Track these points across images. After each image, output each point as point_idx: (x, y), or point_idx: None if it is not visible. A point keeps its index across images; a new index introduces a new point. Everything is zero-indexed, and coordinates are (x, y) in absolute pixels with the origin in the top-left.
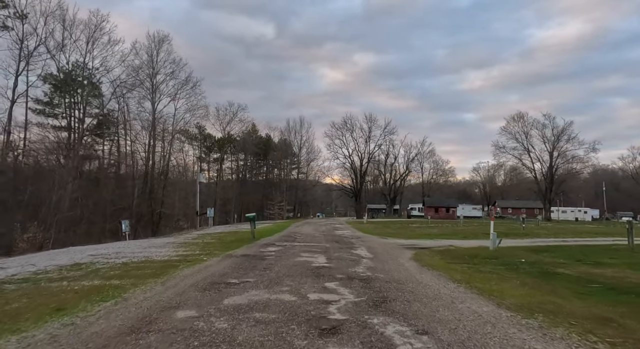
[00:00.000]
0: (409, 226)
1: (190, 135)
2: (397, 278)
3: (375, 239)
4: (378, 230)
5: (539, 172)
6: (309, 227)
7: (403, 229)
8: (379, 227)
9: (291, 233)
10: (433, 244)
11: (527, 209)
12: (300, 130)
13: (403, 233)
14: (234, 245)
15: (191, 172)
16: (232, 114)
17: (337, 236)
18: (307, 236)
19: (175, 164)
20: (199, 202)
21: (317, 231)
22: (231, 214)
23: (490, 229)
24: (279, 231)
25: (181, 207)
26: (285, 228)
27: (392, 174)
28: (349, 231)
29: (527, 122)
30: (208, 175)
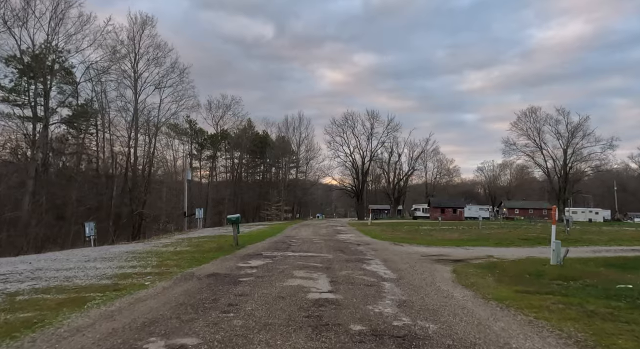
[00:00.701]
0: (419, 228)
1: (180, 130)
2: (462, 335)
3: (388, 246)
4: (387, 233)
5: (551, 170)
6: (307, 230)
7: (415, 232)
8: (386, 230)
9: (286, 238)
10: (465, 254)
11: (535, 210)
12: (299, 127)
13: (418, 238)
14: (209, 256)
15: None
16: (225, 107)
17: (340, 242)
18: (304, 242)
19: (164, 160)
20: (188, 203)
21: (316, 235)
22: (225, 215)
23: (552, 235)
24: (272, 234)
25: (169, 207)
26: (280, 231)
27: (396, 172)
28: (353, 234)
29: (540, 118)
30: (200, 173)
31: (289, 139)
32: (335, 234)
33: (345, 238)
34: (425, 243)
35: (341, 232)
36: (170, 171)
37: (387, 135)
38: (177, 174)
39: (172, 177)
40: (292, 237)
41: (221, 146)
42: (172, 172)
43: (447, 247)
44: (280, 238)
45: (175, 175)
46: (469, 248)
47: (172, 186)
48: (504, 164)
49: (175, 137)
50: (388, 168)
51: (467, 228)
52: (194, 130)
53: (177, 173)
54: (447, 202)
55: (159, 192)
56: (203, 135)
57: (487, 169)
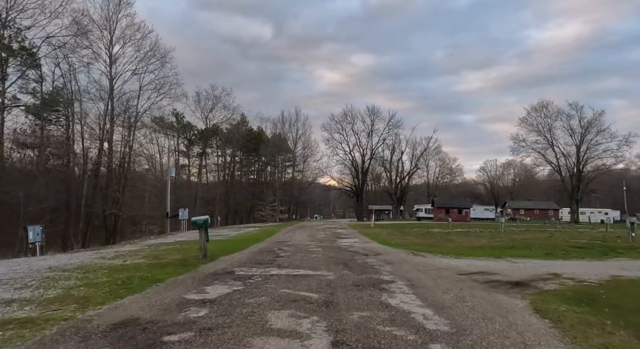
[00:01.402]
0: (430, 231)
1: (166, 124)
2: None
3: (406, 257)
4: (396, 238)
5: (563, 168)
6: (302, 234)
7: (428, 236)
8: (394, 233)
9: (275, 245)
10: (518, 271)
11: (541, 211)
12: (296, 123)
13: (437, 244)
14: (155, 276)
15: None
16: (214, 98)
17: (343, 251)
18: (297, 251)
19: (149, 157)
20: (172, 203)
21: (313, 240)
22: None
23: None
24: (260, 239)
25: (153, 208)
26: (271, 235)
27: (398, 171)
28: (356, 239)
29: (551, 113)
30: (189, 171)
31: (285, 136)
32: (335, 238)
33: (348, 244)
34: (451, 252)
35: (342, 236)
36: (155, 169)
37: (389, 132)
38: (163, 172)
39: (156, 176)
40: (283, 243)
41: (212, 143)
42: (156, 169)
43: (483, 259)
44: (268, 245)
45: (160, 173)
46: (515, 261)
47: (157, 185)
48: (507, 164)
49: (161, 132)
50: (390, 166)
51: (488, 231)
52: (181, 124)
53: (164, 171)
54: (452, 202)
55: (141, 192)
56: (192, 130)
57: (490, 168)
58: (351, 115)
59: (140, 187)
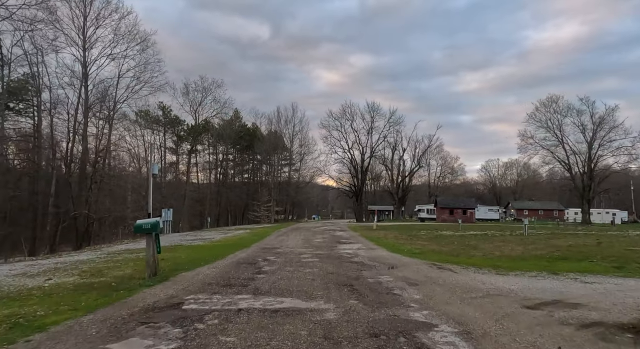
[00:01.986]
0: (441, 234)
1: (153, 118)
2: None
3: (434, 274)
4: (405, 243)
5: (573, 166)
6: (297, 237)
7: (443, 240)
8: (401, 237)
9: (261, 253)
10: (616, 300)
11: (545, 211)
12: (293, 119)
13: (460, 252)
14: (60, 312)
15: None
16: (203, 90)
17: (346, 264)
18: (286, 263)
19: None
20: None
21: (308, 246)
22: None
23: None
24: (244, 245)
25: (136, 208)
26: (260, 239)
27: (400, 169)
28: (360, 245)
29: (561, 108)
30: (177, 169)
31: (281, 133)
32: (334, 243)
33: (351, 252)
34: (485, 264)
35: (343, 241)
36: (139, 166)
37: (389, 129)
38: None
39: (142, 173)
40: (272, 250)
41: (203, 139)
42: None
43: (538, 277)
44: (252, 253)
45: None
46: (584, 279)
47: (143, 184)
48: (510, 163)
49: (146, 126)
50: (392, 165)
51: (509, 234)
52: (168, 118)
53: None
54: (456, 202)
55: (123, 191)
56: (180, 124)
57: (492, 168)
58: (350, 112)
59: (122, 185)
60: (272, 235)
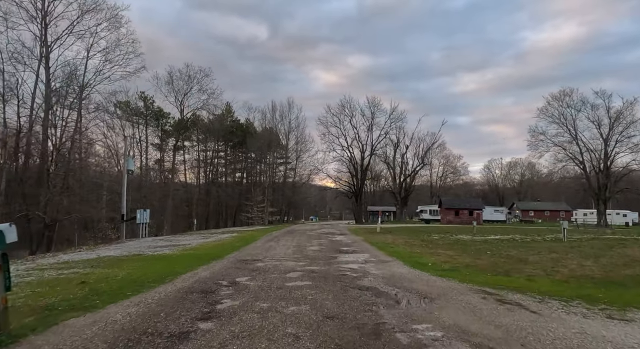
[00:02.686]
0: (459, 239)
1: (133, 110)
2: None
3: (504, 320)
4: (424, 251)
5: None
6: (288, 243)
7: (470, 248)
8: (413, 243)
9: (232, 270)
10: None
11: (551, 212)
12: (289, 114)
13: (509, 268)
14: None
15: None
16: (187, 79)
17: (353, 292)
18: (260, 291)
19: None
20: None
21: (300, 257)
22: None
23: None
24: (217, 257)
25: (113, 209)
26: (242, 246)
27: (402, 168)
28: (367, 255)
29: (574, 103)
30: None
31: (276, 129)
32: (334, 253)
33: (358, 268)
34: (565, 293)
35: (344, 249)
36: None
37: (390, 126)
38: None
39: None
40: (249, 264)
41: (192, 135)
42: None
43: None
44: (219, 270)
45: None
46: None
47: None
48: (514, 162)
49: (126, 119)
50: (394, 163)
51: (544, 239)
52: (151, 110)
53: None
54: (461, 202)
55: (97, 190)
56: (165, 118)
57: (495, 168)
58: (349, 107)
59: (97, 184)
60: (260, 240)
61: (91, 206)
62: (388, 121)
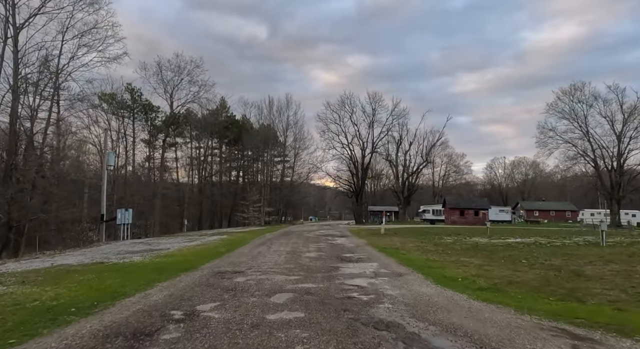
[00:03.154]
0: (477, 242)
1: (121, 103)
2: None
3: None
4: (446, 261)
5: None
6: (282, 248)
7: (498, 255)
8: (428, 249)
9: (201, 288)
10: None
11: (557, 212)
12: (287, 110)
13: (572, 287)
14: None
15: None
16: (177, 69)
17: (369, 334)
18: (222, 336)
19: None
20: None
21: (293, 267)
22: (192, 219)
23: None
24: (190, 267)
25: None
26: (227, 252)
27: (405, 166)
28: (375, 264)
29: (586, 97)
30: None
31: (273, 124)
32: (335, 261)
33: (367, 286)
34: None
35: (347, 255)
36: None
37: (392, 122)
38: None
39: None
40: (226, 280)
41: (184, 131)
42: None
43: None
44: (183, 290)
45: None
46: None
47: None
48: (518, 161)
49: (111, 112)
50: (396, 161)
51: (585, 246)
52: (138, 102)
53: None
54: (466, 202)
55: (78, 188)
56: (154, 112)
57: (498, 167)
58: (350, 103)
59: (78, 182)
60: (250, 244)
61: (72, 205)
62: (390, 117)
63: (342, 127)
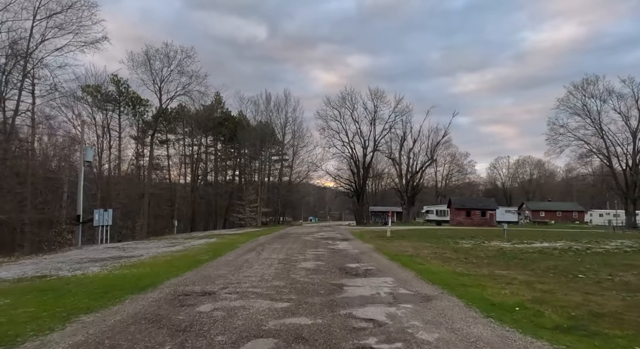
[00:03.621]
0: (501, 247)
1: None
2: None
3: None
4: (474, 270)
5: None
6: (274, 255)
7: (535, 265)
8: (448, 256)
9: (140, 327)
10: None
11: (563, 213)
12: (286, 106)
13: None
14: None
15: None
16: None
17: None
18: None
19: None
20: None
21: (284, 285)
22: (184, 220)
23: None
24: (150, 285)
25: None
26: (209, 261)
27: (409, 164)
28: (390, 281)
29: (599, 93)
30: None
31: (271, 121)
32: (338, 275)
33: (389, 321)
34: None
35: (352, 265)
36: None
37: (395, 119)
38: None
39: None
40: (185, 307)
41: (176, 127)
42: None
43: None
44: (110, 329)
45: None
46: None
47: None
48: (522, 161)
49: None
50: (400, 159)
51: (627, 252)
52: (124, 95)
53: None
54: (472, 202)
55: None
56: (143, 105)
57: (502, 166)
58: (351, 100)
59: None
60: (239, 249)
61: (49, 205)
62: (392, 114)
63: (342, 124)
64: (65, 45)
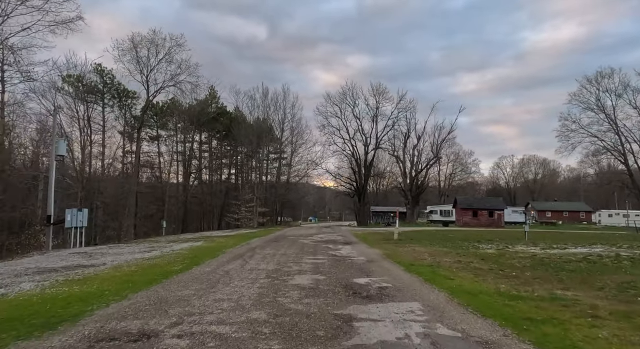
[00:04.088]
0: (531, 253)
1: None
2: None
3: None
4: (524, 290)
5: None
6: (263, 264)
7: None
8: (476, 266)
9: None
10: None
11: (570, 213)
12: (284, 103)
13: None
14: None
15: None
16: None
17: None
18: None
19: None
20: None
21: (262, 321)
22: (176, 221)
23: None
24: (73, 316)
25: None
26: (183, 271)
27: (413, 162)
28: (418, 306)
29: (613, 87)
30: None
31: (268, 117)
32: (343, 299)
33: None
34: None
35: (362, 285)
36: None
37: (397, 115)
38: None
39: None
40: None
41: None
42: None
43: None
44: None
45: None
46: None
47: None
48: (527, 160)
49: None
50: (404, 156)
51: None
52: (110, 86)
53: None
54: (479, 202)
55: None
56: (131, 98)
57: (506, 166)
58: (352, 95)
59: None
60: (223, 256)
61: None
62: (395, 110)
63: (343, 121)
64: (33, 23)
